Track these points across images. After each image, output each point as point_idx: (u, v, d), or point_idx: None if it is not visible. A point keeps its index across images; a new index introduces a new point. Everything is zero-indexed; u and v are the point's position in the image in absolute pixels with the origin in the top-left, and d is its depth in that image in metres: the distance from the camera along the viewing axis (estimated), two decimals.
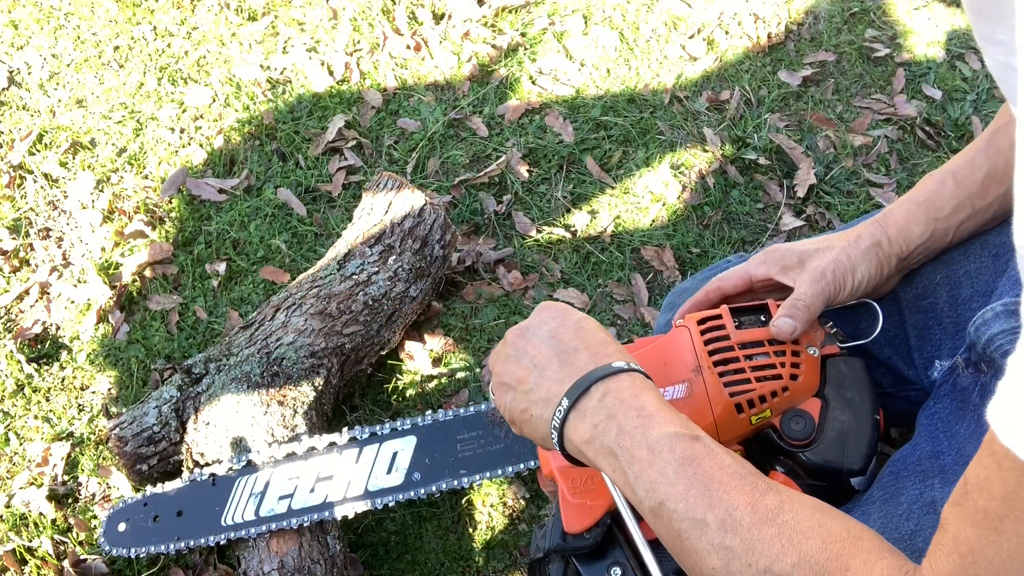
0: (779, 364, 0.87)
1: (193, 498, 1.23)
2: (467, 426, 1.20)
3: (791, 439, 0.86)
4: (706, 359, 0.88)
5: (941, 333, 0.90)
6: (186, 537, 1.21)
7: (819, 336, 0.91)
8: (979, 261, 0.89)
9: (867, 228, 0.90)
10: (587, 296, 1.60)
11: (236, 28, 2.05)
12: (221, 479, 1.23)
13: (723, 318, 0.91)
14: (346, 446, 1.22)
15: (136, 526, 1.23)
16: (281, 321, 1.39)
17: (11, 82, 1.98)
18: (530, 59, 1.97)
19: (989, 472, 0.51)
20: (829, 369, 0.89)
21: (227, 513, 1.21)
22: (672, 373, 0.90)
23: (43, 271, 1.67)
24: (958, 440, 0.78)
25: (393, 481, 1.20)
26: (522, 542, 1.35)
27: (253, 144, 1.85)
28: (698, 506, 0.65)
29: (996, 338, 0.76)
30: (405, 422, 1.22)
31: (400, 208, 1.49)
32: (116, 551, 1.23)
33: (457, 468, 1.18)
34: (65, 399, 1.53)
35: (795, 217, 1.69)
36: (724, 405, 0.86)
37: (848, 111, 1.86)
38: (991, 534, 0.51)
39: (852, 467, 0.85)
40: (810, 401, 0.88)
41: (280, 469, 1.22)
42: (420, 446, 1.20)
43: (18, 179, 1.81)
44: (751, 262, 0.94)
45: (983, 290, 0.87)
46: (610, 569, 0.85)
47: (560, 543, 0.87)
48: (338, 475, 1.21)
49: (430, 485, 1.19)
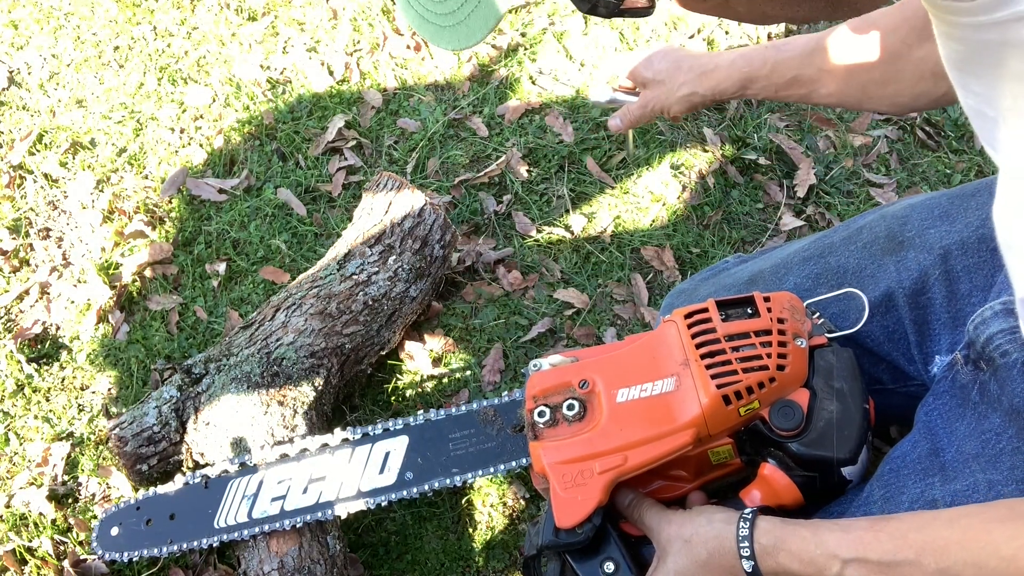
0: (766, 355, 0.87)
1: (186, 501, 1.23)
2: (459, 425, 1.20)
3: (780, 430, 0.87)
4: (693, 352, 0.89)
5: (940, 328, 0.90)
6: (179, 540, 1.21)
7: (807, 327, 0.91)
8: (977, 256, 0.89)
9: (687, 76, 1.14)
10: (587, 296, 1.60)
11: (236, 28, 2.05)
12: (214, 481, 1.23)
13: (709, 311, 0.91)
14: (338, 447, 1.22)
15: (129, 530, 1.23)
16: (281, 321, 1.39)
17: (11, 82, 1.98)
18: (530, 59, 1.97)
19: None
20: (817, 359, 0.90)
21: (220, 515, 1.21)
22: (661, 367, 0.90)
23: (43, 271, 1.67)
24: (958, 438, 0.79)
25: (386, 481, 1.20)
26: (522, 542, 1.35)
27: (253, 144, 1.85)
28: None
29: (995, 337, 0.76)
30: (397, 422, 1.22)
31: (400, 208, 1.49)
32: (109, 555, 1.23)
33: (450, 467, 1.18)
34: (65, 399, 1.53)
35: (795, 217, 1.69)
36: (712, 397, 0.86)
37: (848, 111, 1.86)
38: None
39: (841, 456, 0.85)
40: (799, 392, 0.88)
41: (273, 471, 1.22)
42: (412, 445, 1.20)
43: (18, 179, 1.81)
44: (645, 63, 1.21)
45: (981, 285, 0.87)
46: (603, 564, 0.85)
47: (553, 539, 0.87)
48: (331, 476, 1.21)
49: (423, 484, 1.18)
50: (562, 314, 1.58)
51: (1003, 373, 0.75)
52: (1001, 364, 0.75)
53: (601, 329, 1.56)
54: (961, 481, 0.75)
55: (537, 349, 1.54)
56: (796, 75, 1.07)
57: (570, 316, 1.58)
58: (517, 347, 1.55)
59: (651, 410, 0.89)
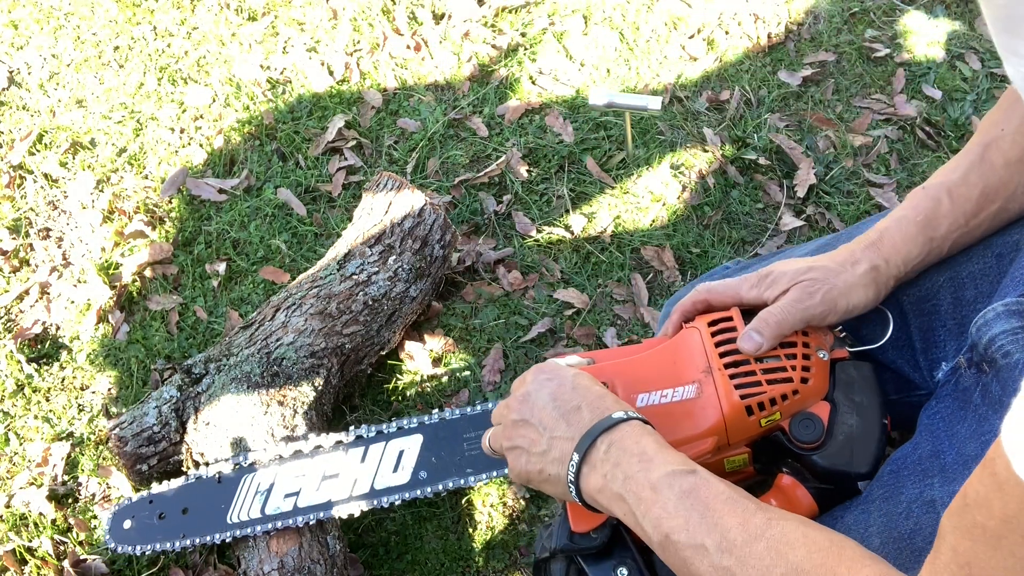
0: (790, 367, 0.87)
1: (198, 496, 1.23)
2: (474, 425, 1.19)
3: (800, 442, 0.86)
4: (717, 360, 0.88)
5: (945, 335, 0.90)
6: (191, 535, 1.21)
7: (829, 340, 0.91)
8: (983, 262, 0.89)
9: (865, 252, 0.90)
10: (587, 296, 1.60)
11: (236, 28, 2.05)
12: (227, 477, 1.23)
13: (734, 320, 0.91)
14: (352, 444, 1.22)
15: (142, 523, 1.23)
16: (281, 321, 1.39)
17: (11, 82, 1.98)
18: (530, 59, 1.97)
19: (989, 491, 0.51)
20: (839, 373, 0.89)
21: (233, 511, 1.21)
22: (682, 374, 0.90)
23: (43, 271, 1.67)
24: (959, 440, 0.78)
25: (399, 480, 1.20)
26: (522, 542, 1.35)
27: (253, 144, 1.85)
28: (697, 533, 0.70)
29: (997, 338, 0.76)
30: (412, 420, 1.21)
31: (400, 208, 1.49)
32: (121, 548, 1.22)
33: (464, 467, 1.18)
34: (65, 399, 1.53)
35: (795, 217, 1.69)
36: (734, 407, 0.86)
37: (848, 111, 1.86)
38: (989, 550, 0.52)
39: (860, 471, 0.85)
40: (819, 404, 0.88)
41: (286, 467, 1.22)
42: (426, 444, 1.20)
43: (18, 179, 1.81)
44: (744, 282, 0.94)
45: (987, 291, 0.87)
46: (616, 569, 0.85)
47: (567, 543, 0.87)
48: (344, 473, 1.21)
49: (436, 484, 1.18)
50: (562, 314, 1.58)
51: (1005, 374, 0.75)
52: (1003, 365, 0.75)
53: (601, 329, 1.56)
54: (961, 482, 0.75)
55: (537, 349, 1.54)
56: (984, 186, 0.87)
57: (570, 316, 1.58)
58: (517, 347, 1.55)
59: (671, 416, 0.88)
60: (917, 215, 0.89)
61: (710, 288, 0.95)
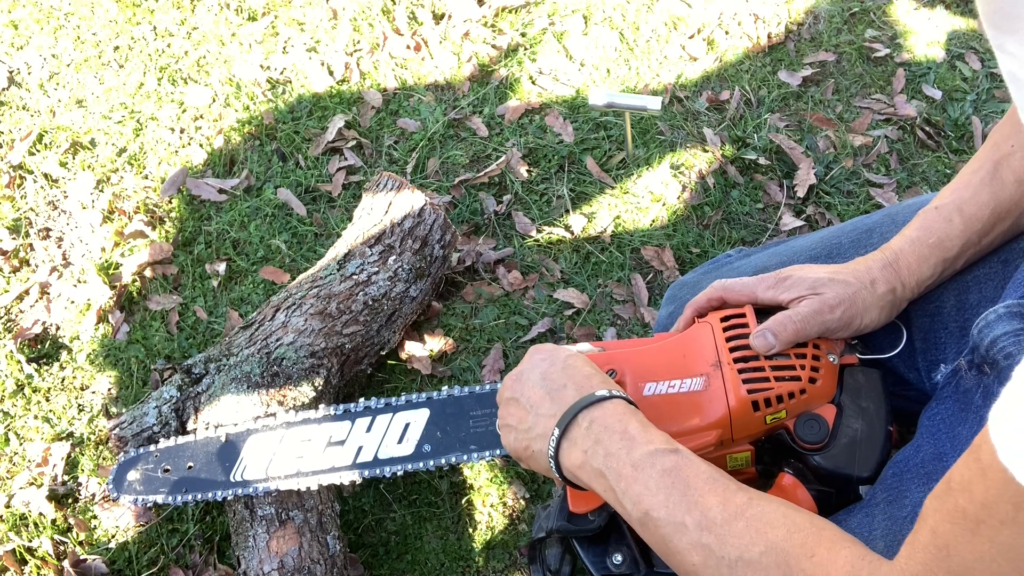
0: (799, 366, 0.87)
1: (204, 453, 1.24)
2: (481, 403, 1.19)
3: (804, 442, 0.86)
4: (727, 355, 0.89)
5: (947, 337, 0.90)
6: (194, 490, 1.21)
7: (840, 344, 0.91)
8: (987, 266, 0.89)
9: (882, 272, 0.90)
10: (587, 296, 1.60)
11: (236, 28, 2.05)
12: (233, 436, 1.23)
13: (746, 316, 0.91)
14: (360, 414, 1.22)
15: (146, 475, 1.23)
16: (281, 321, 1.39)
17: (11, 82, 1.98)
18: (530, 59, 1.97)
19: (973, 475, 0.51)
20: (847, 378, 0.90)
21: (237, 470, 1.21)
22: (691, 366, 0.90)
23: (43, 271, 1.67)
24: (961, 442, 0.78)
25: (404, 451, 1.20)
26: (522, 542, 1.35)
27: (253, 144, 1.85)
28: (677, 511, 0.70)
29: (999, 340, 0.76)
30: (420, 395, 1.22)
31: (400, 208, 1.49)
32: (124, 498, 1.23)
33: (468, 443, 1.18)
34: (65, 399, 1.53)
35: (795, 217, 1.69)
36: (741, 401, 0.86)
37: (848, 111, 1.86)
38: (967, 534, 0.53)
39: (861, 475, 0.85)
40: (825, 407, 0.88)
41: (293, 431, 1.22)
42: (433, 419, 1.20)
43: (18, 179, 1.81)
44: (761, 282, 0.93)
45: (990, 295, 0.87)
46: (612, 554, 0.85)
47: (564, 524, 0.87)
48: (350, 440, 1.21)
49: (439, 458, 1.18)
50: (562, 314, 1.58)
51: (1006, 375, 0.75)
52: (1005, 366, 0.75)
53: (601, 329, 1.56)
54: None
55: None
56: (995, 205, 0.86)
57: (570, 316, 1.58)
58: (517, 347, 1.55)
59: (677, 407, 0.89)
60: (930, 237, 0.90)
61: (726, 286, 0.95)
